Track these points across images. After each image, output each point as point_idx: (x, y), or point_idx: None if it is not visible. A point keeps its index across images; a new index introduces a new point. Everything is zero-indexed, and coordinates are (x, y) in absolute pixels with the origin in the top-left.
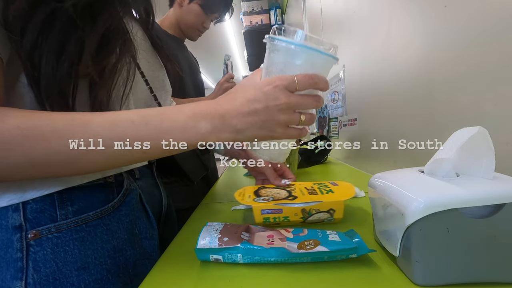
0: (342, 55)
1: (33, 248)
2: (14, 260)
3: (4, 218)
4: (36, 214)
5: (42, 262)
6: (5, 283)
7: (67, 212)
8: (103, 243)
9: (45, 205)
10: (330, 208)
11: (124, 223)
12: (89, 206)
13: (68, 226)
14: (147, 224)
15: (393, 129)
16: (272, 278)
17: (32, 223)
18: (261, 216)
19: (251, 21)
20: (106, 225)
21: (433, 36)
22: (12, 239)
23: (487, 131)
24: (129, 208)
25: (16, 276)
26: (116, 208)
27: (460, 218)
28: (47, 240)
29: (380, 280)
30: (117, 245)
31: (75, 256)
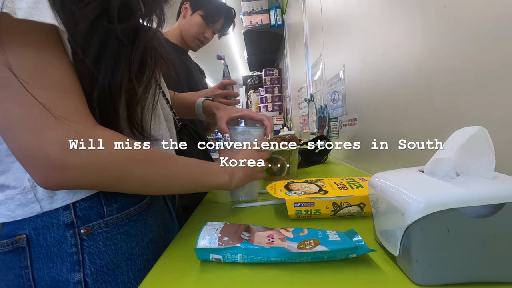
0: (342, 55)
1: (86, 242)
2: (69, 254)
3: (55, 217)
4: (85, 211)
5: (96, 255)
6: (61, 276)
7: (112, 209)
8: (143, 236)
9: (93, 203)
10: (360, 202)
11: (155, 218)
12: (129, 202)
13: (114, 221)
14: (169, 218)
15: (393, 129)
16: (272, 278)
17: (83, 220)
18: (294, 209)
19: (251, 21)
20: (144, 220)
21: (433, 36)
22: (66, 235)
23: (487, 130)
24: (158, 205)
25: (74, 269)
26: (149, 204)
27: (460, 217)
28: (98, 235)
29: (380, 280)
30: (153, 238)
31: (123, 248)
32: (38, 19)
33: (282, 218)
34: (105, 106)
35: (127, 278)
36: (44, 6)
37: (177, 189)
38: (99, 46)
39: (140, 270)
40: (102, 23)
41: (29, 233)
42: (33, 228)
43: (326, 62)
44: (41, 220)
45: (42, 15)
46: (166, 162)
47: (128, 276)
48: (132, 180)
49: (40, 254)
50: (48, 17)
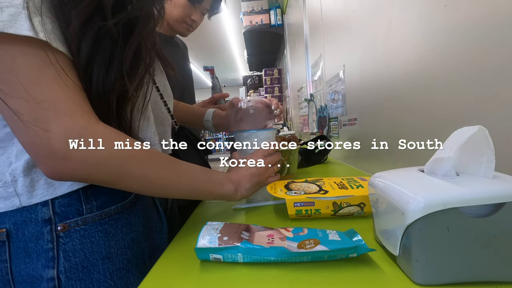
0: (342, 55)
1: (62, 239)
2: (45, 250)
3: (33, 212)
4: (63, 208)
5: (71, 252)
6: (36, 272)
7: (91, 206)
8: (123, 235)
9: (72, 200)
10: (360, 202)
11: (139, 217)
12: (110, 201)
13: (93, 219)
14: (157, 218)
15: (393, 128)
16: (272, 278)
17: (61, 216)
18: (294, 209)
19: (251, 21)
20: (126, 218)
21: (433, 35)
22: (43, 231)
23: (487, 130)
24: (143, 204)
25: (48, 265)
26: (133, 203)
27: (460, 217)
28: (75, 232)
29: (380, 279)
30: (135, 237)
31: (100, 247)
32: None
33: (282, 218)
34: (99, 103)
35: (103, 277)
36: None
37: (179, 193)
38: (92, 44)
39: (119, 269)
40: (95, 21)
41: (9, 227)
42: (13, 222)
43: (326, 62)
44: (21, 215)
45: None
46: (168, 164)
47: (105, 275)
48: (132, 178)
49: (18, 248)
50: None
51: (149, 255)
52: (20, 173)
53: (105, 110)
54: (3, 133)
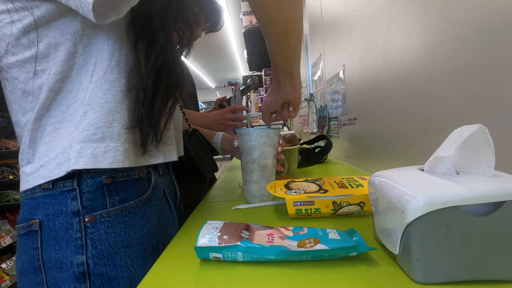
0: (342, 55)
1: (89, 229)
2: (74, 239)
3: (64, 205)
4: (90, 202)
5: (98, 241)
6: (66, 257)
7: (114, 201)
8: (141, 227)
9: (97, 195)
10: (360, 201)
11: (154, 212)
12: (130, 196)
13: (115, 212)
14: (169, 214)
15: (393, 128)
16: (272, 276)
17: (87, 209)
18: (294, 208)
19: (251, 21)
20: (142, 212)
21: (433, 35)
22: (72, 222)
23: (487, 129)
24: (157, 200)
25: (78, 252)
26: (148, 199)
27: (460, 215)
28: (100, 223)
29: (380, 278)
30: (151, 229)
31: (122, 236)
32: None
33: (282, 217)
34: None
35: (125, 263)
36: None
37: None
38: (160, 66)
39: (137, 257)
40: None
41: (41, 218)
42: (45, 214)
43: (326, 62)
44: (52, 208)
45: None
46: None
47: (126, 262)
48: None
49: (49, 237)
50: None
51: (163, 246)
52: (75, 140)
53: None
54: (70, 107)
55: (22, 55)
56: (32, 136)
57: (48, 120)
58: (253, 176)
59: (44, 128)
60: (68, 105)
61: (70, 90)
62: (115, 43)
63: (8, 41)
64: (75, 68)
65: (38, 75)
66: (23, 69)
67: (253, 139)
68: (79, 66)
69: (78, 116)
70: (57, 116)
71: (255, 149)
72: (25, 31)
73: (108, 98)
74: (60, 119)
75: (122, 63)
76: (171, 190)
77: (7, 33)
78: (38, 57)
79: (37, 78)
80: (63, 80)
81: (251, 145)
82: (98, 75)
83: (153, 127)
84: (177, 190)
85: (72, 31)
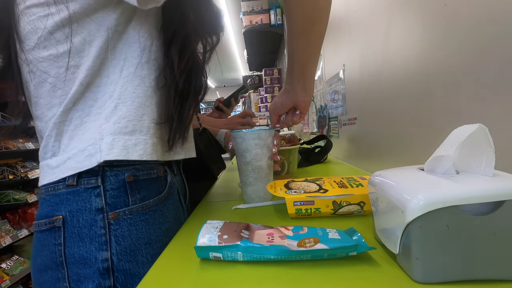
0: (342, 55)
1: (113, 226)
2: (98, 235)
3: (88, 202)
4: (113, 199)
5: (121, 237)
6: (90, 254)
7: (135, 199)
8: (160, 225)
9: (120, 193)
10: (360, 200)
11: (171, 210)
12: (150, 194)
13: (137, 210)
14: (182, 212)
15: (393, 127)
16: (272, 276)
17: (111, 206)
18: (294, 208)
19: (251, 20)
20: (161, 210)
21: (433, 34)
22: (96, 219)
23: (487, 128)
24: (173, 198)
25: (102, 248)
26: (166, 198)
27: (460, 215)
28: (123, 221)
29: (380, 278)
30: (168, 227)
31: (143, 233)
32: None
33: (282, 217)
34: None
35: (146, 259)
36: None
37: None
38: (191, 67)
39: (157, 254)
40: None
41: (65, 214)
42: (69, 210)
43: (326, 62)
44: (76, 204)
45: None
46: None
47: (147, 258)
48: None
49: (72, 234)
50: None
51: None
52: (106, 132)
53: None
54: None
55: (55, 50)
56: (58, 129)
57: (75, 113)
58: (248, 178)
59: (70, 121)
60: (96, 99)
61: (99, 84)
62: (146, 41)
63: (40, 34)
64: (105, 63)
65: (70, 70)
66: (55, 63)
67: (245, 141)
68: (109, 61)
69: (108, 110)
70: (84, 110)
71: (248, 151)
72: (59, 25)
73: (139, 93)
74: (87, 113)
75: (152, 60)
76: (181, 189)
77: (40, 27)
78: (71, 52)
79: (69, 74)
80: (93, 74)
81: (243, 147)
82: (128, 71)
83: (183, 124)
84: (187, 189)
85: (106, 27)
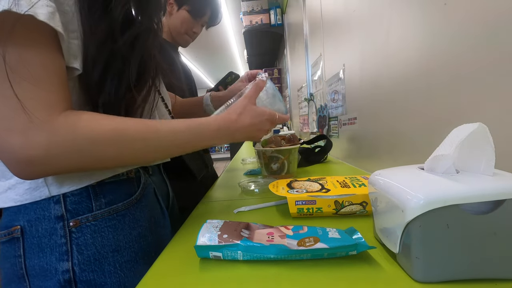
0: (342, 54)
1: (75, 234)
2: (58, 245)
3: (47, 210)
4: (74, 205)
5: (84, 246)
6: (50, 265)
7: (100, 204)
8: (130, 230)
9: (82, 198)
10: (363, 200)
11: (144, 213)
12: (118, 198)
13: (102, 215)
14: (160, 214)
15: (393, 127)
16: (272, 275)
17: (72, 213)
18: (295, 207)
19: (251, 20)
20: (132, 214)
21: (433, 33)
22: (56, 227)
23: (487, 127)
24: (147, 200)
25: (62, 258)
26: (138, 200)
27: (460, 214)
28: (86, 228)
29: (379, 277)
30: (141, 232)
31: (109, 241)
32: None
33: (283, 217)
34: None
35: (113, 268)
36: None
37: (163, 158)
38: (105, 64)
39: (127, 261)
40: (108, 44)
41: (23, 224)
42: (27, 220)
43: (326, 62)
44: (34, 213)
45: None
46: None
47: (115, 267)
48: (108, 159)
49: (32, 244)
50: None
51: (155, 249)
52: None
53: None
54: None
55: None
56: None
57: None
58: None
59: None
60: None
61: None
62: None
63: None
64: None
65: None
66: None
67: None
68: None
69: None
70: None
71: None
72: None
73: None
74: None
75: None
76: (162, 190)
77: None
78: None
79: None
80: None
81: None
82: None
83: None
84: (170, 189)
85: None
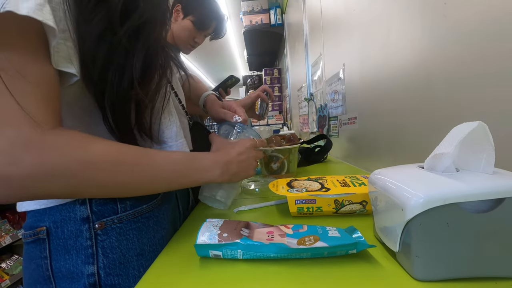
0: (342, 54)
1: (100, 237)
2: (84, 247)
3: (72, 211)
4: (100, 207)
5: (109, 249)
6: (76, 267)
7: (125, 206)
8: (154, 233)
9: (107, 200)
10: (363, 199)
11: (167, 216)
12: (142, 200)
13: (127, 218)
14: (178, 217)
15: (392, 127)
16: (271, 274)
17: (98, 215)
18: (295, 206)
19: (251, 20)
20: (156, 217)
21: (432, 33)
22: (81, 229)
23: (487, 126)
24: (170, 203)
25: (88, 261)
26: (161, 203)
27: (460, 212)
28: (112, 230)
29: (379, 276)
30: (164, 234)
31: (134, 244)
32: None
33: (283, 216)
34: (116, 114)
35: (138, 272)
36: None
37: (156, 189)
38: (106, 58)
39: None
40: (107, 36)
41: (48, 225)
42: (53, 221)
43: (326, 61)
44: (60, 214)
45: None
46: (137, 163)
47: (139, 271)
48: (95, 186)
49: (58, 246)
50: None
51: None
52: None
53: (123, 119)
54: None
55: None
56: None
57: None
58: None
59: None
60: None
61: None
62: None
63: None
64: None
65: None
66: None
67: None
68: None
69: None
70: None
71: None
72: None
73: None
74: None
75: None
76: (182, 192)
77: None
78: None
79: None
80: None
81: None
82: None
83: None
84: (190, 192)
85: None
